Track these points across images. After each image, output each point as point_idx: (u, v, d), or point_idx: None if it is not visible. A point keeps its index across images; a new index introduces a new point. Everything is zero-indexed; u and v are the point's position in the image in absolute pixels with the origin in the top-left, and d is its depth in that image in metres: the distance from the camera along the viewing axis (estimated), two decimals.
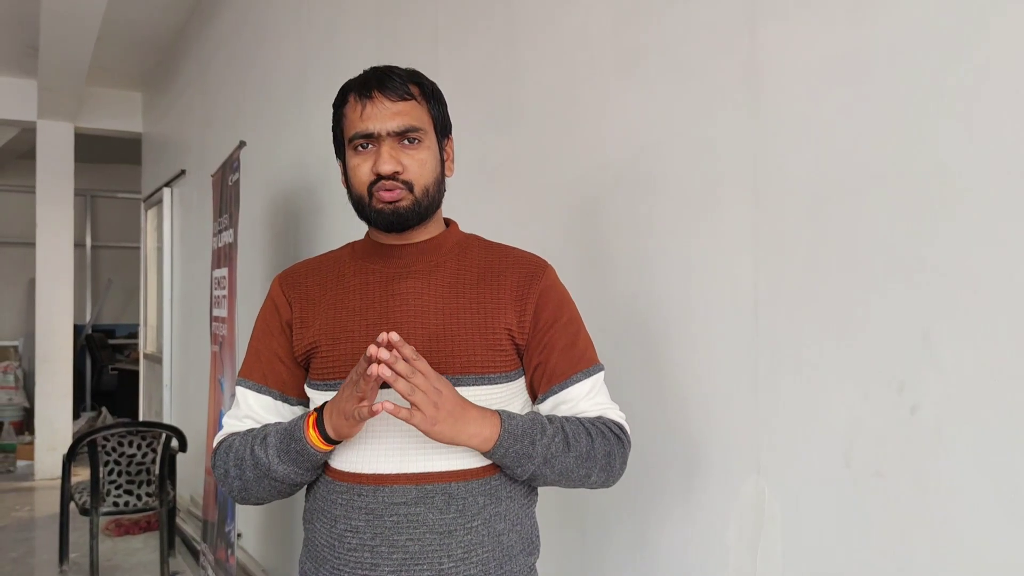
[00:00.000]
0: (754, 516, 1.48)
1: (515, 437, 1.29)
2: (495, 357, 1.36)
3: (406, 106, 1.35)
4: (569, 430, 1.34)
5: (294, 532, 3.67)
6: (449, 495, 1.32)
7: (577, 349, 1.41)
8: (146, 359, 7.37)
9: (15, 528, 5.69)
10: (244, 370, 1.47)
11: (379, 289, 1.40)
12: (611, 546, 1.83)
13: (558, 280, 1.46)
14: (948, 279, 1.17)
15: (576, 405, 1.40)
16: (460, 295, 1.38)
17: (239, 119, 4.62)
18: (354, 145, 1.37)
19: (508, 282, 1.40)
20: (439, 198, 1.42)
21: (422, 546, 1.31)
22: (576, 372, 1.40)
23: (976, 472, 1.14)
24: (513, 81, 2.16)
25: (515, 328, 1.38)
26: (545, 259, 1.47)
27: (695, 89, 1.61)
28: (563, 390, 1.39)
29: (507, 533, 1.37)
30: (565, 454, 1.32)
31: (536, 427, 1.32)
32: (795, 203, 1.41)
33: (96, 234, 10.65)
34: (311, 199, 3.50)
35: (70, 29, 5.03)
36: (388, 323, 1.36)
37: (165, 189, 6.41)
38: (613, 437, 1.38)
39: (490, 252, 1.45)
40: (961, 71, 1.16)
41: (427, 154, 1.37)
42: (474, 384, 1.34)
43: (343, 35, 3.22)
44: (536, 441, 1.31)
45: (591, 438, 1.35)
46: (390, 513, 1.31)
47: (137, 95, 7.62)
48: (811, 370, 1.38)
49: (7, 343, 9.90)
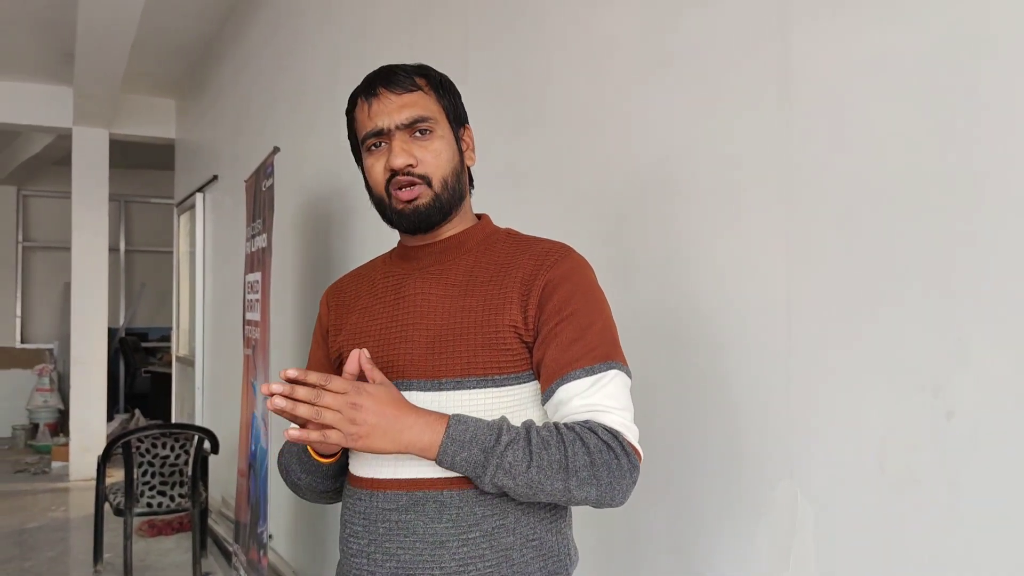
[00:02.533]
0: (787, 521, 1.47)
1: (460, 444, 1.19)
2: (499, 358, 1.27)
3: (412, 97, 1.32)
4: (535, 437, 1.20)
5: (324, 534, 3.70)
6: (441, 503, 1.24)
7: (583, 343, 1.25)
8: (178, 362, 7.45)
9: (51, 528, 5.77)
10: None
11: (393, 292, 1.38)
12: (641, 551, 1.83)
13: (579, 270, 1.32)
14: (984, 283, 1.16)
15: (567, 403, 1.24)
16: (469, 294, 1.31)
17: (271, 125, 4.67)
18: (367, 146, 1.35)
19: (516, 275, 1.30)
20: (461, 189, 1.37)
21: (413, 555, 1.24)
22: (575, 368, 1.24)
23: (1013, 479, 1.13)
24: (541, 85, 2.17)
25: (520, 324, 1.27)
26: (570, 247, 1.36)
27: (725, 93, 1.60)
28: (559, 387, 1.25)
29: (518, 549, 1.26)
30: (527, 464, 1.18)
31: (491, 433, 1.20)
32: (828, 207, 1.40)
33: (130, 239, 10.80)
34: (343, 203, 3.53)
35: (106, 37, 5.11)
36: (396, 326, 1.34)
37: (198, 194, 6.48)
38: (601, 445, 1.20)
39: (513, 245, 1.37)
40: (995, 73, 1.15)
41: (441, 144, 1.33)
42: (476, 387, 1.27)
43: (373, 41, 3.24)
44: (488, 449, 1.18)
45: (564, 446, 1.19)
46: (383, 519, 1.27)
47: (171, 102, 7.72)
48: (844, 375, 1.37)
49: (43, 346, 10.07)
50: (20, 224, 10.41)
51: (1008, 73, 1.14)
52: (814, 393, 1.42)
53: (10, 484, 7.21)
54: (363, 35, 3.35)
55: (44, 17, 5.51)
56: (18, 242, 10.38)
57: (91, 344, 7.38)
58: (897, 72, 1.29)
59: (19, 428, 9.00)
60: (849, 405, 1.36)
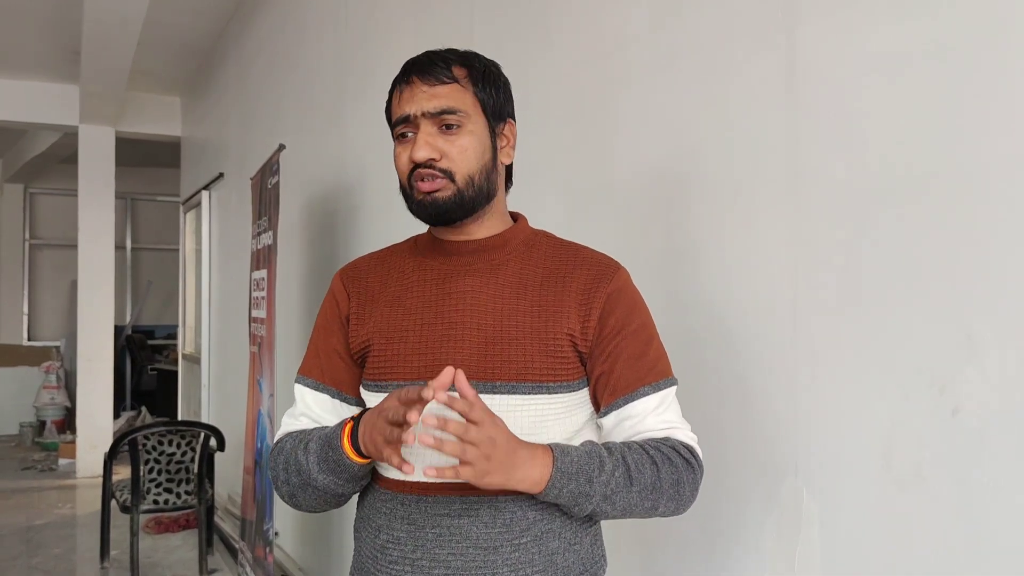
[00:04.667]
0: (792, 517, 1.47)
1: (568, 476, 1.16)
2: (554, 365, 1.25)
3: (444, 89, 1.27)
4: (631, 461, 1.20)
5: (330, 532, 3.71)
6: (495, 508, 1.23)
7: (647, 360, 1.28)
8: (185, 359, 7.47)
9: (58, 525, 5.79)
10: (303, 367, 1.41)
11: (436, 287, 1.32)
12: (647, 545, 1.83)
13: (631, 284, 1.34)
14: (991, 280, 1.16)
15: (642, 421, 1.27)
16: (521, 297, 1.29)
17: (276, 123, 4.68)
18: (396, 134, 1.31)
19: (574, 284, 1.29)
20: (490, 188, 1.32)
21: (465, 561, 1.22)
22: (644, 384, 1.27)
23: (1018, 475, 1.13)
24: (548, 81, 2.17)
25: (578, 334, 1.27)
26: (618, 261, 1.36)
27: (732, 89, 1.60)
28: (628, 404, 1.27)
29: (562, 553, 1.26)
30: (627, 489, 1.19)
31: (593, 462, 1.18)
32: (835, 203, 1.40)
33: (136, 236, 10.83)
34: (349, 200, 3.54)
35: (112, 35, 5.11)
36: (442, 323, 1.28)
37: (204, 192, 6.49)
38: (682, 462, 1.24)
39: (559, 251, 1.35)
40: (1004, 68, 1.15)
41: (469, 140, 1.27)
42: (530, 393, 1.24)
43: (379, 38, 3.24)
44: (593, 478, 1.17)
45: (656, 467, 1.21)
46: (432, 524, 1.24)
47: (176, 100, 7.73)
48: (850, 371, 1.37)
49: (49, 343, 10.10)
50: (27, 222, 10.45)
51: (1015, 69, 1.13)
52: (820, 389, 1.42)
53: (17, 481, 7.23)
54: (369, 31, 3.35)
55: (50, 15, 5.52)
56: (25, 240, 10.42)
57: (98, 341, 7.40)
58: (903, 68, 1.28)
59: (26, 425, 9.03)
60: (855, 401, 1.36)
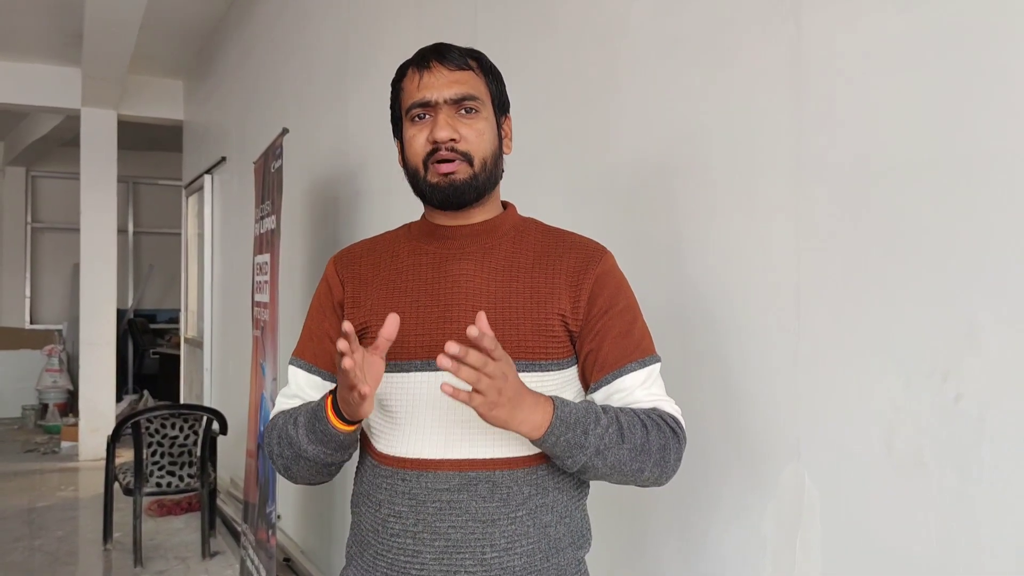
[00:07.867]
0: (793, 504, 1.48)
1: (567, 425, 1.22)
2: (547, 343, 1.32)
3: (464, 75, 1.34)
4: (624, 421, 1.28)
5: (332, 515, 3.73)
6: (493, 483, 1.29)
7: (632, 337, 1.36)
8: (187, 343, 7.49)
9: (61, 507, 5.82)
10: (297, 349, 1.47)
11: (432, 271, 1.37)
12: (647, 531, 1.84)
13: (616, 267, 1.41)
14: (994, 267, 1.16)
15: (631, 394, 1.34)
16: (514, 279, 1.35)
17: (279, 107, 4.67)
18: (411, 116, 1.34)
19: (563, 267, 1.36)
20: (497, 174, 1.39)
21: (464, 534, 1.28)
22: (631, 361, 1.34)
23: (1019, 462, 1.13)
24: (551, 68, 2.16)
25: (568, 314, 1.33)
26: (603, 245, 1.42)
27: (736, 76, 1.60)
28: (617, 379, 1.34)
29: (554, 525, 1.33)
30: (619, 446, 1.26)
31: (590, 416, 1.25)
32: (839, 190, 1.40)
33: (138, 220, 10.83)
34: (352, 184, 3.53)
35: (114, 18, 5.10)
36: (439, 305, 1.34)
37: (206, 176, 6.49)
38: (668, 430, 1.31)
39: (547, 236, 1.42)
40: (1009, 57, 1.14)
41: (485, 125, 1.35)
42: (524, 371, 1.28)
43: (383, 22, 3.23)
44: (589, 430, 1.24)
45: (646, 430, 1.28)
46: (433, 499, 1.29)
47: (179, 83, 7.71)
48: (853, 358, 1.37)
49: (52, 327, 10.13)
50: (29, 205, 10.46)
51: (1021, 56, 1.13)
52: (822, 376, 1.43)
53: (20, 464, 7.26)
54: (373, 14, 3.34)
55: None
56: (27, 223, 10.43)
57: (100, 325, 7.41)
58: (908, 55, 1.28)
59: (29, 408, 9.06)
60: (857, 388, 1.36)
